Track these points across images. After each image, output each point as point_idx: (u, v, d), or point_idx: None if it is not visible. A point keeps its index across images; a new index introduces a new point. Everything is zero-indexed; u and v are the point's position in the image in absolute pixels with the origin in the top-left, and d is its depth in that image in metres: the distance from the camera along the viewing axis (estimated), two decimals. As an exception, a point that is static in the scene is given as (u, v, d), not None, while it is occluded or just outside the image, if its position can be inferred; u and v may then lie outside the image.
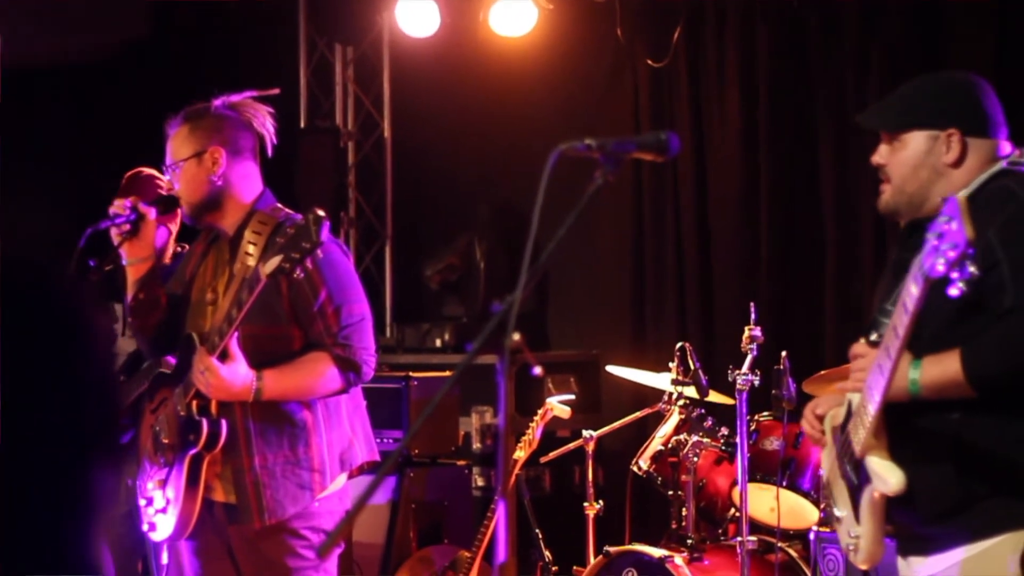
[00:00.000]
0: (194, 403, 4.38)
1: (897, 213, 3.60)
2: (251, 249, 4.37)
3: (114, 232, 4.59)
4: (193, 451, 4.38)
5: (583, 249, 7.99)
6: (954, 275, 2.87)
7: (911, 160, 3.52)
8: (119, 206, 4.56)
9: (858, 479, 3.49)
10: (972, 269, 2.86)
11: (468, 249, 8.31)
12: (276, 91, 4.63)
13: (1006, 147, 3.53)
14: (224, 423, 4.37)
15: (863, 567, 3.61)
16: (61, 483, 1.76)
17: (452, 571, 6.04)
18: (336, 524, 4.46)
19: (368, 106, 9.00)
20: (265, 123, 4.57)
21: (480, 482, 7.38)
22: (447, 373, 7.25)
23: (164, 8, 8.48)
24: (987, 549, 3.34)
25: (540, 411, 5.63)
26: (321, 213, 4.07)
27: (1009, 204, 3.36)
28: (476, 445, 7.47)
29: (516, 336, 2.40)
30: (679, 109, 7.71)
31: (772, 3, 7.29)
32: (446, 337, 8.23)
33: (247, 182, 4.54)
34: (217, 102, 4.51)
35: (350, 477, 4.55)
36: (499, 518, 2.37)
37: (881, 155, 3.58)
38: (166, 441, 4.48)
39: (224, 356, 4.27)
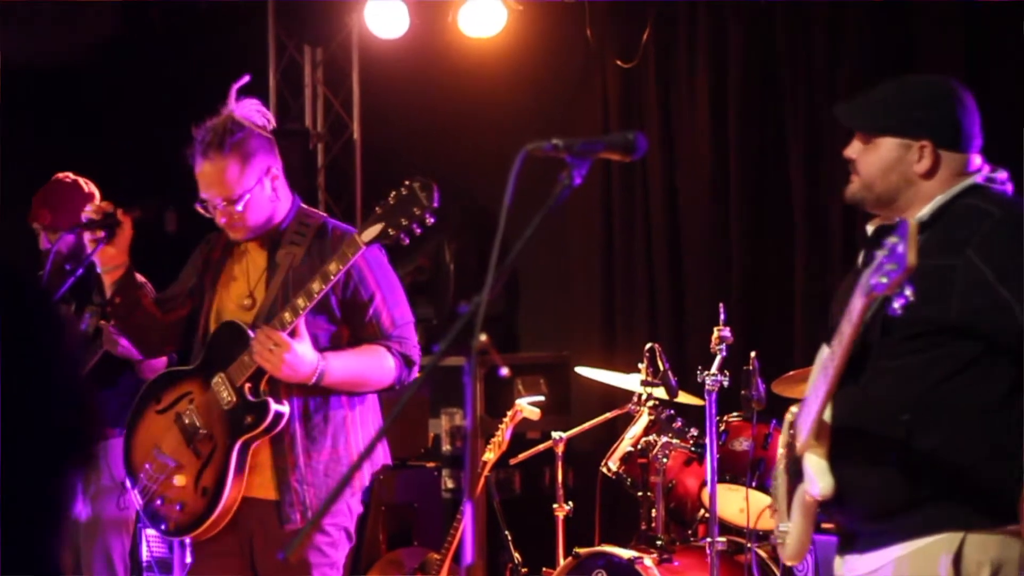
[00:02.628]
0: (247, 386, 4.38)
1: (863, 204, 3.64)
2: (297, 239, 4.51)
3: (87, 237, 4.59)
4: (248, 435, 4.40)
5: (552, 250, 7.99)
6: (894, 296, 2.93)
7: (881, 164, 3.53)
8: (95, 211, 4.55)
9: (795, 475, 3.54)
10: (908, 293, 2.95)
11: (437, 250, 8.30)
12: (247, 78, 4.64)
13: (976, 160, 3.54)
14: (286, 403, 4.39)
15: (788, 563, 3.66)
16: (33, 487, 1.75)
17: (422, 573, 6.03)
18: (357, 523, 4.57)
19: (337, 108, 8.98)
20: (269, 123, 4.63)
21: (450, 484, 7.37)
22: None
23: (133, 9, 8.45)
24: (921, 548, 3.37)
25: (509, 412, 5.63)
26: (428, 180, 4.13)
27: (984, 222, 3.38)
28: (446, 447, 7.46)
29: (483, 337, 2.39)
30: (648, 110, 7.71)
31: (741, 4, 7.30)
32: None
33: (287, 189, 4.64)
34: (242, 122, 4.50)
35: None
36: (466, 520, 2.37)
37: (853, 150, 3.60)
38: (204, 432, 4.48)
39: (291, 335, 4.31)
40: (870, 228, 3.62)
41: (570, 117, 8.03)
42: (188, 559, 4.85)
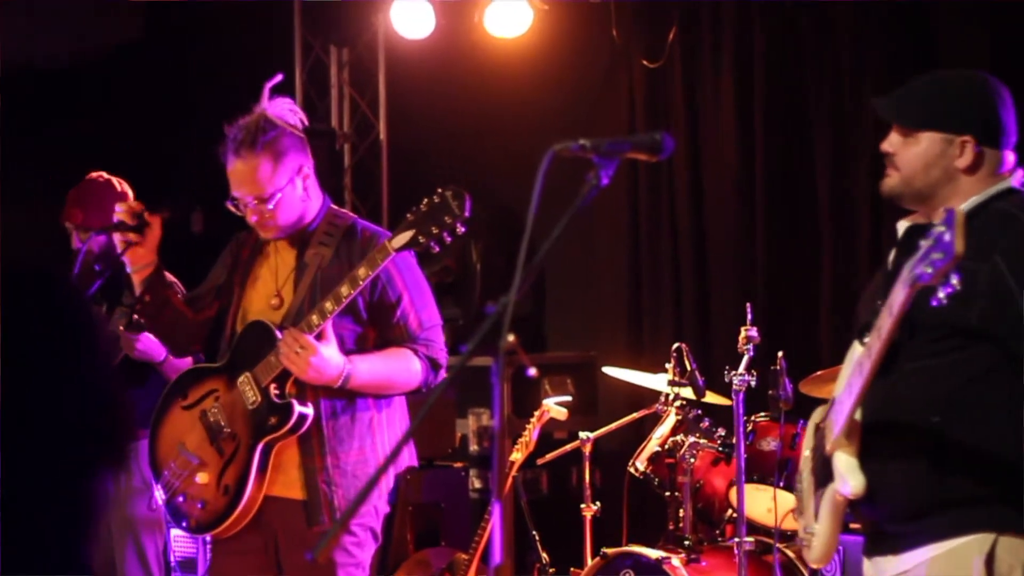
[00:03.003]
0: (272, 387, 4.39)
1: (900, 199, 3.58)
2: (326, 240, 4.51)
3: (118, 238, 4.61)
4: (271, 436, 4.41)
5: (580, 250, 7.99)
6: (939, 285, 2.89)
7: (923, 158, 3.49)
8: (127, 212, 4.57)
9: (823, 476, 3.51)
10: (955, 282, 2.88)
11: (464, 251, 8.30)
12: (280, 76, 4.65)
13: (1010, 157, 3.52)
14: (311, 406, 4.40)
15: (814, 566, 3.63)
16: (66, 484, 1.76)
17: (449, 573, 6.02)
18: (381, 525, 4.61)
19: (364, 108, 8.99)
20: (301, 122, 4.63)
21: (477, 484, 7.37)
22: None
23: (158, 10, 8.47)
24: (954, 549, 3.35)
25: (537, 413, 5.61)
26: (461, 189, 4.14)
27: (1014, 229, 3.36)
28: (473, 447, 7.46)
29: (511, 338, 2.39)
30: (674, 110, 7.71)
31: (766, 4, 7.28)
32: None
33: (318, 188, 4.65)
34: (274, 121, 4.51)
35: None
36: (494, 520, 2.36)
37: (892, 144, 3.55)
38: (228, 431, 4.49)
39: (318, 338, 4.32)
40: (901, 226, 3.60)
41: (596, 117, 8.02)
42: (209, 556, 4.88)
